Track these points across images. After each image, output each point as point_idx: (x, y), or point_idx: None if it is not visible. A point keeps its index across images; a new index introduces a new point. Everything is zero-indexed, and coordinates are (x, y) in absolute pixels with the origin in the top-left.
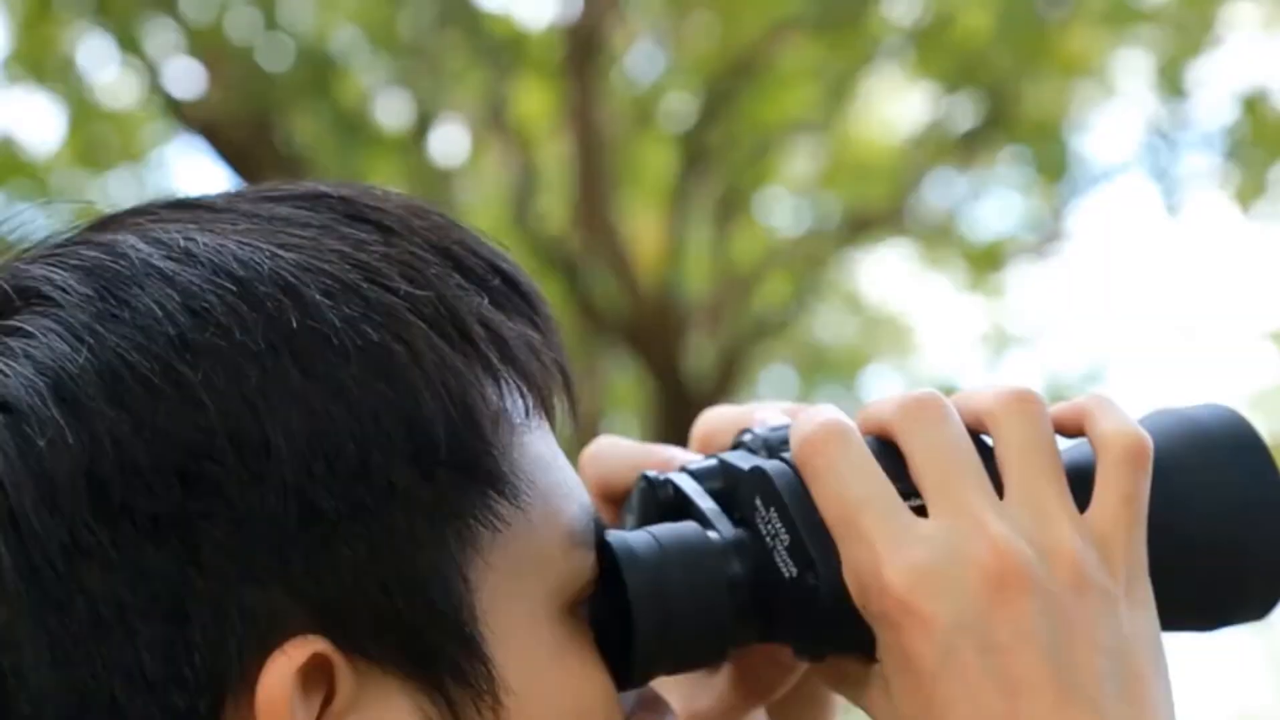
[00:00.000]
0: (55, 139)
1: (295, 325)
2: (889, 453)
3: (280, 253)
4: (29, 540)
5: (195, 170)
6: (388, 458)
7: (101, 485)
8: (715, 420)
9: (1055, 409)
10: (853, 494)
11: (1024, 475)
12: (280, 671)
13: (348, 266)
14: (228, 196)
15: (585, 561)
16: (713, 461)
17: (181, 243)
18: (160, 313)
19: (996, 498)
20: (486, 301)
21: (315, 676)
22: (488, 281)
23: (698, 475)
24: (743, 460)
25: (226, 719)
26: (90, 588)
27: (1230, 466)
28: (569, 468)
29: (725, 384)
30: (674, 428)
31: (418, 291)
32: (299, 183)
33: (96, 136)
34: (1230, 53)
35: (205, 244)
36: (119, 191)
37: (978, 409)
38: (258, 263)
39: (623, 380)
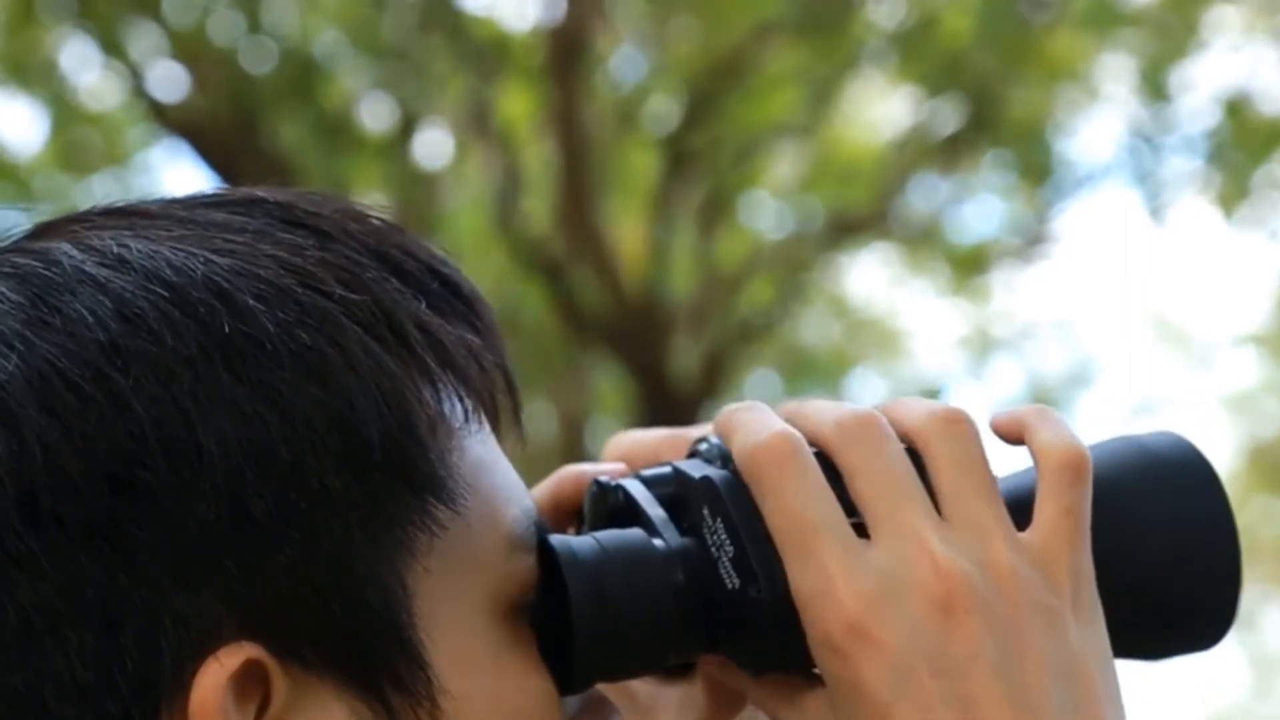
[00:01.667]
0: (38, 142)
1: (227, 330)
2: (825, 468)
3: (214, 258)
4: None
5: (179, 174)
6: (321, 461)
7: (31, 493)
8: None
9: (995, 417)
10: (808, 516)
11: (958, 495)
12: (213, 678)
13: (282, 271)
14: (163, 203)
15: (525, 564)
16: (666, 468)
17: (115, 249)
18: (91, 319)
19: (939, 518)
20: (424, 305)
21: (249, 683)
22: (426, 285)
23: (649, 482)
24: (695, 468)
25: None
26: (20, 596)
27: (1181, 494)
28: (511, 471)
29: (709, 387)
30: None
31: (353, 296)
32: (236, 189)
33: (79, 140)
34: (1213, 56)
35: (139, 250)
36: (102, 195)
37: (908, 428)
38: (191, 268)
39: (606, 383)
